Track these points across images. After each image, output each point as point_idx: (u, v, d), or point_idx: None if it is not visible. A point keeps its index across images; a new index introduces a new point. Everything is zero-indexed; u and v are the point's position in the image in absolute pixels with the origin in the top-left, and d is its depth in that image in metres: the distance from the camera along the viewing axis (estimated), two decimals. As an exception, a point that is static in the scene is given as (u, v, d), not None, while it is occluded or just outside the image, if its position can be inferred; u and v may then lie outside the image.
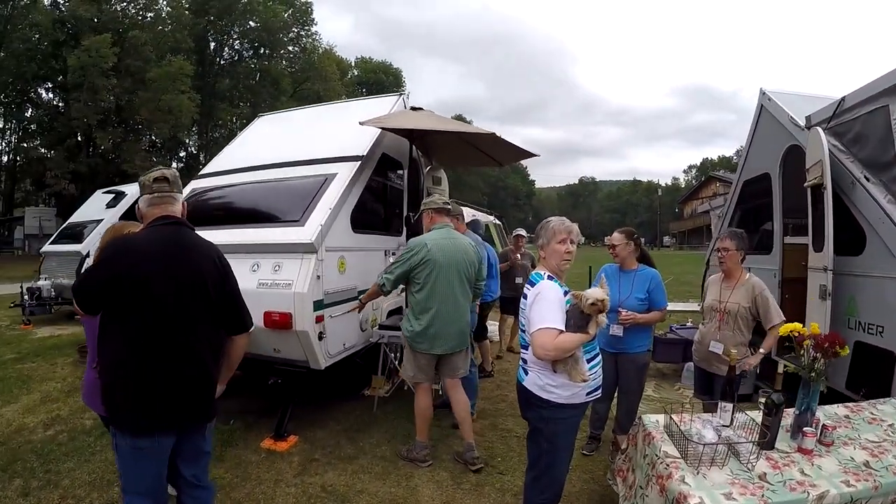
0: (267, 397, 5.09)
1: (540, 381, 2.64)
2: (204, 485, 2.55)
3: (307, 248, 4.20)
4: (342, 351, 4.64)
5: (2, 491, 3.62)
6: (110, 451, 4.02)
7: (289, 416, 4.52)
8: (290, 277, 4.15)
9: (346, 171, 4.92)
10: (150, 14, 36.46)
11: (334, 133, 5.75)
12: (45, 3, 34.50)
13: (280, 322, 4.07)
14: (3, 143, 38.59)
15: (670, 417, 2.67)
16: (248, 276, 4.30)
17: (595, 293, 2.48)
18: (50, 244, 11.32)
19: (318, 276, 4.22)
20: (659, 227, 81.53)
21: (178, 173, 2.51)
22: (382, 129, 5.26)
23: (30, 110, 36.42)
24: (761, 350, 3.66)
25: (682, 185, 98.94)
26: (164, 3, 37.48)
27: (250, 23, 42.33)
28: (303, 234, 4.26)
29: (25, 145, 35.31)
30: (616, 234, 4.08)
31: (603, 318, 2.52)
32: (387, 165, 5.74)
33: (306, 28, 47.48)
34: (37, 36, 32.89)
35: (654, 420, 2.82)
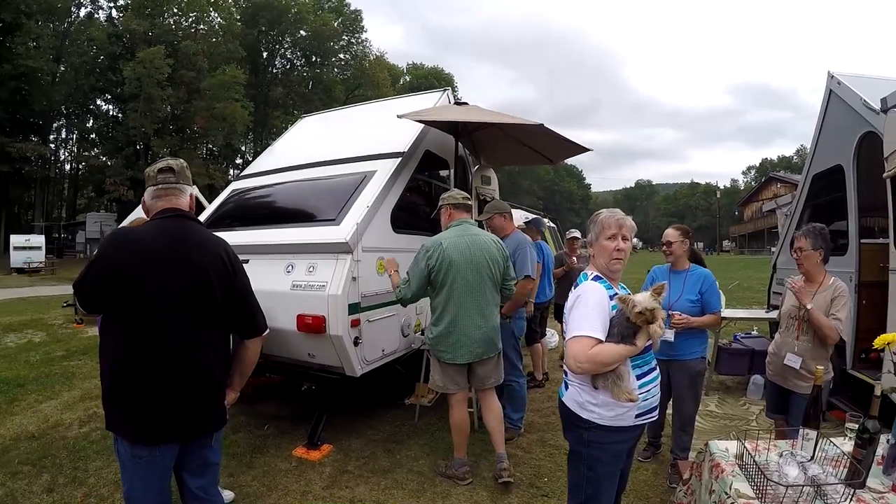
0: (305, 403, 4.90)
1: (579, 398, 2.27)
2: (213, 498, 2.34)
3: (342, 248, 3.97)
4: (381, 357, 4.39)
5: (28, 486, 3.63)
6: None
7: (323, 424, 4.31)
8: (325, 279, 3.94)
9: (385, 169, 4.69)
10: (202, 26, 37.66)
11: (376, 130, 5.55)
12: (101, 19, 36.21)
13: (313, 325, 3.85)
14: (66, 153, 40.62)
15: (743, 446, 2.22)
16: (282, 278, 4.16)
17: (644, 300, 2.09)
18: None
19: (354, 278, 3.99)
20: (718, 231, 78.73)
21: (185, 164, 2.31)
22: (420, 122, 5.00)
23: (90, 121, 38.20)
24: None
25: (742, 188, 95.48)
26: (216, 15, 38.68)
27: (301, 32, 43.30)
28: (337, 233, 4.04)
29: (86, 154, 36.98)
30: (671, 231, 3.84)
31: (657, 328, 2.12)
32: (431, 163, 5.49)
33: (356, 36, 48.39)
34: (94, 49, 34.54)
35: (722, 448, 2.39)
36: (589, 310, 2.15)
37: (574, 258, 7.07)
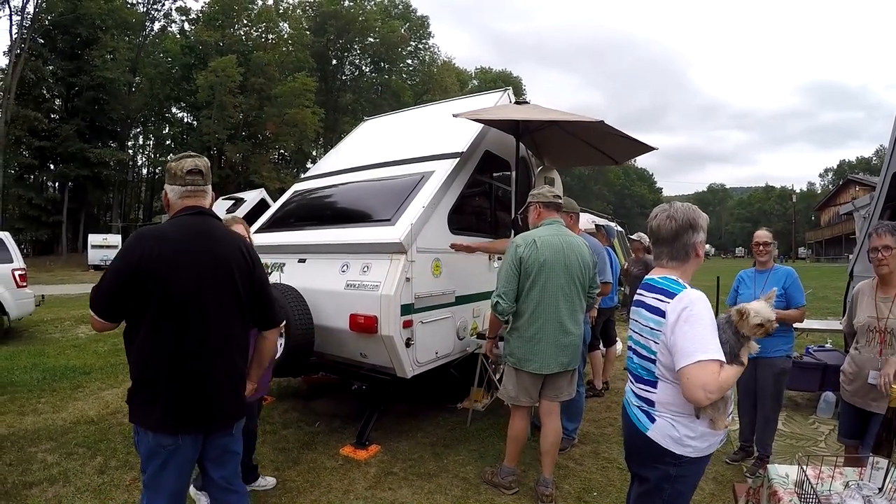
0: (357, 402, 4.91)
1: (676, 433, 1.94)
2: (235, 488, 2.37)
3: (396, 249, 3.94)
4: (433, 360, 4.33)
5: (81, 466, 3.82)
6: None
7: (372, 424, 4.30)
8: (378, 279, 3.92)
9: (443, 169, 4.63)
10: (271, 36, 39.05)
11: (436, 131, 5.52)
12: (174, 32, 38.22)
13: (365, 325, 3.84)
14: (143, 157, 43.05)
15: (804, 473, 1.98)
16: (336, 277, 4.18)
17: (763, 309, 1.88)
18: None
19: (408, 279, 3.95)
20: (794, 237, 74.87)
21: (209, 163, 2.36)
22: (477, 121, 4.92)
23: (166, 128, 40.35)
24: None
25: (819, 191, 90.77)
26: (285, 25, 39.99)
27: (369, 39, 44.10)
28: (391, 233, 4.02)
29: (162, 159, 39.04)
30: (766, 232, 3.98)
31: (755, 344, 1.93)
32: (491, 164, 5.40)
33: (423, 41, 48.87)
34: (168, 60, 36.52)
35: (782, 473, 2.15)
36: (707, 327, 1.85)
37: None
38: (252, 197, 12.61)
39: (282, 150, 42.45)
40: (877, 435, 2.14)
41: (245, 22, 38.95)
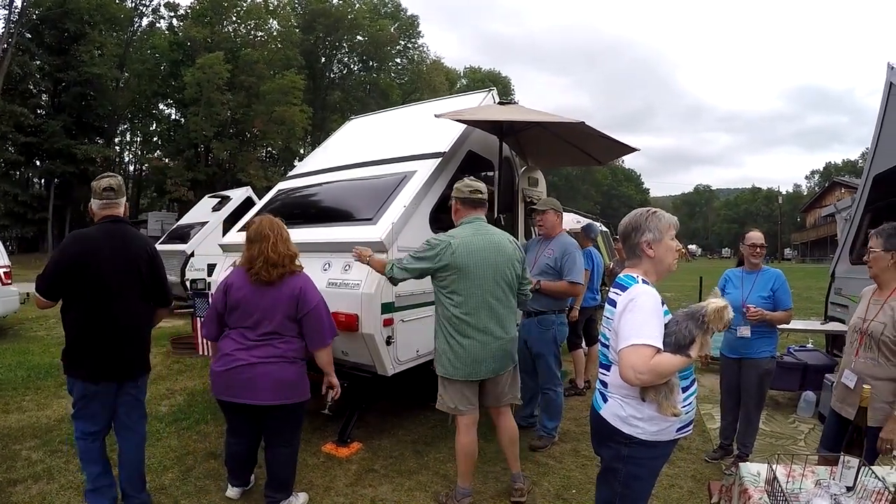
0: (339, 400, 4.89)
1: (622, 412, 2.10)
2: (136, 430, 3.12)
3: (377, 248, 3.95)
4: (415, 358, 4.36)
5: (65, 464, 3.86)
6: (175, 438, 4.37)
7: (354, 422, 4.33)
8: (359, 278, 3.95)
9: (425, 169, 4.67)
10: (260, 33, 38.81)
11: (420, 131, 5.54)
12: (162, 28, 37.91)
13: (346, 323, 3.86)
14: (130, 155, 42.70)
15: (773, 472, 2.01)
16: (318, 276, 4.17)
17: (716, 299, 2.02)
18: (159, 244, 12.03)
19: None
20: (780, 238, 75.51)
21: (121, 181, 3.17)
22: (460, 121, 4.95)
23: (153, 124, 40.02)
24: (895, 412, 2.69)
25: (805, 193, 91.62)
26: (274, 22, 39.75)
27: (358, 37, 43.92)
28: (373, 232, 4.05)
29: (149, 156, 38.70)
30: (759, 233, 4.03)
31: (708, 339, 2.02)
32: (474, 164, 5.41)
33: (413, 41, 48.69)
34: (156, 57, 36.23)
35: (754, 472, 2.19)
36: (647, 316, 2.00)
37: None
38: (238, 195, 12.54)
39: (269, 148, 42.28)
40: (848, 434, 2.19)
41: (234, 18, 38.73)
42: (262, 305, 3.05)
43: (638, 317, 1.99)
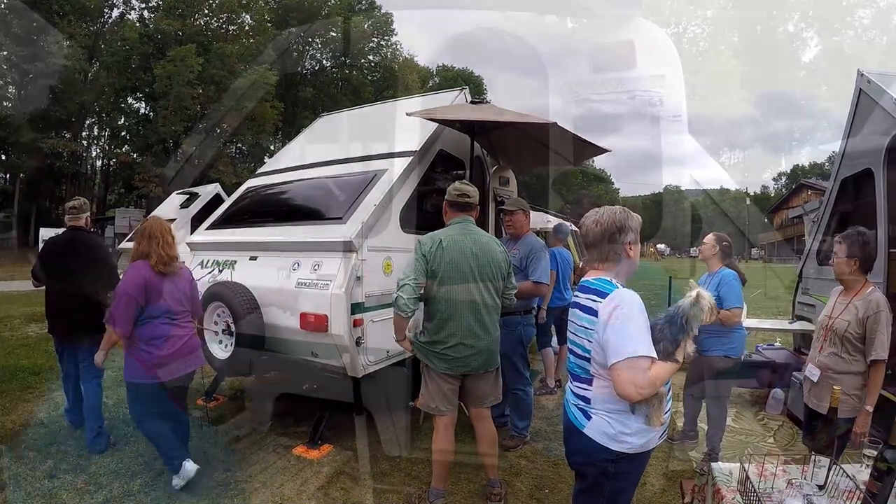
0: (310, 402, 4.84)
1: (611, 429, 1.99)
2: (91, 384, 4.21)
3: (347, 247, 3.92)
4: (385, 359, 4.31)
5: (31, 470, 3.75)
6: (141, 443, 4.24)
7: (325, 424, 4.27)
8: (328, 277, 3.90)
9: (396, 168, 4.62)
10: (232, 27, 38.16)
11: (391, 129, 5.47)
12: (133, 20, 36.98)
13: (315, 324, 3.81)
14: (97, 149, 41.56)
15: (745, 471, 2.04)
16: (287, 275, 4.15)
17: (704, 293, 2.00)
18: (126, 242, 11.79)
19: (359, 277, 3.93)
20: (748, 238, 77.08)
21: (85, 200, 4.48)
22: (431, 120, 4.92)
23: (121, 119, 39.06)
24: (867, 407, 2.87)
25: (772, 194, 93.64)
26: (247, 16, 39.16)
27: (331, 33, 43.51)
28: (342, 231, 4.00)
29: (117, 151, 37.80)
30: (709, 236, 4.25)
31: (692, 343, 2.00)
32: (445, 163, 5.40)
33: (386, 38, 48.36)
34: (126, 49, 35.31)
35: (726, 472, 2.21)
36: (637, 325, 1.91)
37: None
38: (207, 192, 12.31)
39: (239, 144, 41.64)
40: (819, 433, 2.23)
41: (206, 11, 38.01)
42: (174, 292, 3.57)
43: (629, 328, 1.90)
